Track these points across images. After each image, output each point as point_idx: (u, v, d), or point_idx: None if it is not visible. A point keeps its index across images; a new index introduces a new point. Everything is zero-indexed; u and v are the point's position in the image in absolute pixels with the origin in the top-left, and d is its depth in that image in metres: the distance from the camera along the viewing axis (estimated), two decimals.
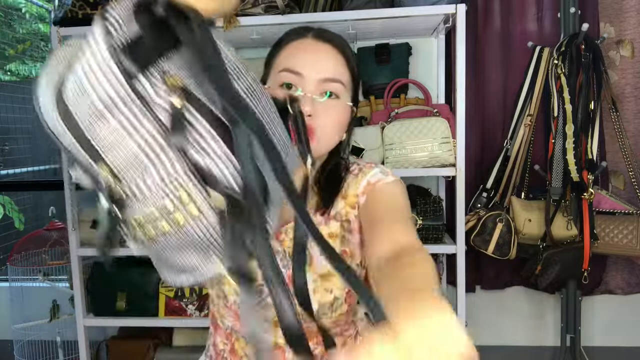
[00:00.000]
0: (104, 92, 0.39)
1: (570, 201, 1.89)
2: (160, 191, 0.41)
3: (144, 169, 0.41)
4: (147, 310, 1.97)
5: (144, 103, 0.39)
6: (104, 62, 0.38)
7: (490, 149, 2.13)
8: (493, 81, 2.13)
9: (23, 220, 3.47)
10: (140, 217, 0.43)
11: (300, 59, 0.80)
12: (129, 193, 0.42)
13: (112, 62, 0.38)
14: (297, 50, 0.82)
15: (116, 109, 0.39)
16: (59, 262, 2.19)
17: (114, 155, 0.41)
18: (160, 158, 0.40)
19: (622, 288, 2.13)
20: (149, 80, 0.39)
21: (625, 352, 2.22)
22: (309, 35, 0.83)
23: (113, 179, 0.42)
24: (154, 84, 0.39)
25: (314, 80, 0.79)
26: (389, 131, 1.76)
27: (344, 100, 0.83)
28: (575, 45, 1.87)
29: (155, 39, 0.40)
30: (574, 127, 1.83)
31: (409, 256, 0.62)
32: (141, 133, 0.40)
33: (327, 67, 0.80)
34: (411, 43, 2.04)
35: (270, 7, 1.75)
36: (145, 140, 0.40)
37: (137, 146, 0.40)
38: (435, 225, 1.83)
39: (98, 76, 0.38)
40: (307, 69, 0.79)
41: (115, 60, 0.38)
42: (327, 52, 0.82)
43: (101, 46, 0.38)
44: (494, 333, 2.29)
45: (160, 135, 0.40)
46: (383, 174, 0.86)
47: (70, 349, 2.24)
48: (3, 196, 3.30)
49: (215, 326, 0.94)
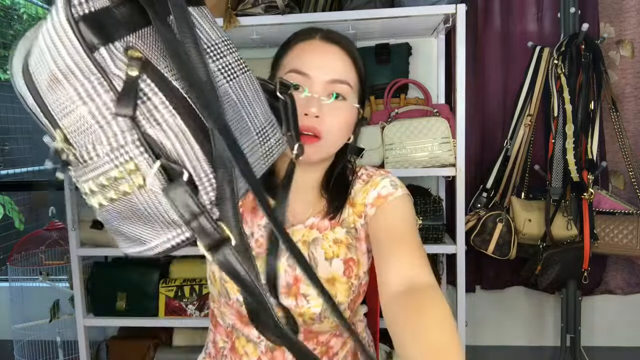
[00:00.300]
0: (62, 62, 0.39)
1: (570, 201, 1.89)
2: (107, 159, 0.41)
3: (95, 137, 0.41)
4: (147, 310, 1.97)
5: (103, 73, 0.39)
6: (63, 33, 0.39)
7: (490, 149, 2.13)
8: (493, 81, 2.13)
9: (23, 220, 3.47)
10: (90, 184, 0.44)
11: (307, 60, 0.80)
12: (79, 158, 0.43)
13: (70, 32, 0.38)
14: (305, 51, 0.82)
15: (73, 77, 0.40)
16: (59, 262, 2.19)
17: (68, 121, 0.42)
18: (111, 127, 0.41)
19: (622, 288, 2.13)
20: (109, 52, 0.40)
21: (625, 352, 2.22)
22: (317, 37, 0.83)
23: (66, 144, 0.43)
24: (114, 55, 0.40)
25: (322, 81, 0.79)
26: (389, 131, 1.76)
27: (351, 101, 0.83)
28: (575, 45, 1.87)
29: (124, 12, 0.41)
30: (574, 127, 1.83)
31: (425, 297, 0.64)
32: (96, 102, 0.40)
33: (334, 68, 0.81)
34: (411, 43, 2.04)
35: (270, 7, 1.75)
36: (98, 108, 0.40)
37: (90, 114, 0.40)
38: (435, 225, 1.83)
39: (57, 46, 0.39)
40: (314, 70, 0.79)
41: (74, 31, 0.38)
42: (334, 53, 0.82)
43: (61, 17, 0.38)
44: (494, 333, 2.29)
45: (114, 105, 0.40)
46: (393, 187, 0.86)
47: (70, 349, 2.24)
48: (3, 196, 3.30)
49: (215, 324, 0.94)
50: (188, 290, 1.95)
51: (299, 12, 1.82)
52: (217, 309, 0.92)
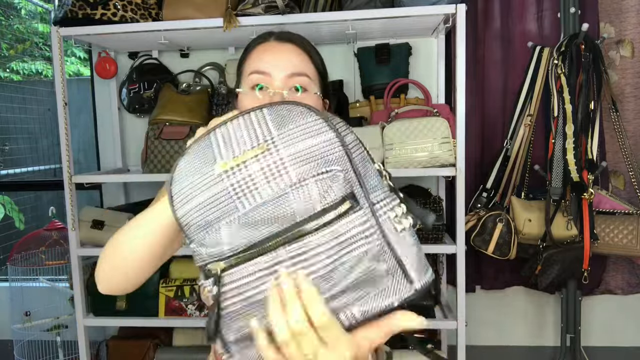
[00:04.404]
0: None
1: (570, 201, 1.89)
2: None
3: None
4: (147, 310, 1.97)
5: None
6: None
7: (490, 149, 2.13)
8: (493, 81, 2.13)
9: (23, 220, 3.47)
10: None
11: (265, 60, 0.85)
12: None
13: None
14: (262, 52, 0.86)
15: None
16: (59, 262, 2.19)
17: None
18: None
19: (622, 288, 2.13)
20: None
21: (625, 352, 2.22)
22: (272, 39, 0.88)
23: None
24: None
25: (281, 77, 0.83)
26: (389, 131, 1.76)
27: (312, 91, 0.86)
28: (575, 45, 1.88)
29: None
30: (574, 127, 1.83)
31: None
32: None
33: (290, 63, 0.85)
34: (411, 43, 2.04)
35: (270, 7, 1.75)
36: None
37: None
38: (435, 225, 1.83)
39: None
40: (272, 68, 0.83)
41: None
42: (289, 50, 0.86)
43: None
44: (494, 333, 2.29)
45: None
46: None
47: (70, 349, 2.24)
48: (3, 196, 3.30)
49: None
50: (188, 290, 1.95)
51: (299, 12, 1.82)
52: None
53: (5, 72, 4.41)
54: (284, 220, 0.48)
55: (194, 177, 0.52)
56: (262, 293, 0.48)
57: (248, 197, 0.49)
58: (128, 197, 2.30)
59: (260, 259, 0.48)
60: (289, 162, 0.49)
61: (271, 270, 0.48)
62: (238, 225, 0.49)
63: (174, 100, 1.93)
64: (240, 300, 0.49)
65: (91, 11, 1.81)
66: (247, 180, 0.49)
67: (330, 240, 0.47)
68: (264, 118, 0.52)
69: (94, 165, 2.33)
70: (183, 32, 1.84)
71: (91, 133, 2.34)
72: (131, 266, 0.69)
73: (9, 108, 3.38)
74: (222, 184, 0.50)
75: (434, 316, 1.90)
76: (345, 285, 0.48)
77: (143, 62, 2.14)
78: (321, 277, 0.47)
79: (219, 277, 0.50)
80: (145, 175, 1.88)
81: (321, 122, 0.50)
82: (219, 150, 0.52)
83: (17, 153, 3.59)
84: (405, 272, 0.48)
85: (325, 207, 0.47)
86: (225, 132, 0.53)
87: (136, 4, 1.84)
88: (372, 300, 0.48)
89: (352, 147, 0.51)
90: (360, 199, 0.49)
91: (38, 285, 2.25)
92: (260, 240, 0.48)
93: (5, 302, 2.36)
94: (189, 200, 0.52)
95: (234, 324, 0.50)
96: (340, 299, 0.48)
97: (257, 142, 0.51)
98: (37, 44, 4.61)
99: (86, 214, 1.96)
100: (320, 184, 0.48)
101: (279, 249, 0.48)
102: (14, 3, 4.35)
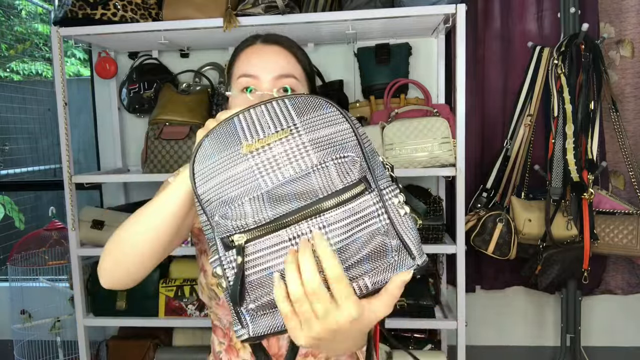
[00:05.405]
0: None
1: (570, 201, 1.89)
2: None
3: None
4: (147, 310, 1.97)
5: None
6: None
7: (490, 149, 2.13)
8: (493, 81, 2.13)
9: (23, 220, 3.47)
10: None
11: (253, 63, 0.86)
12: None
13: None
14: (250, 55, 0.87)
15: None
16: (59, 262, 2.19)
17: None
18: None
19: (622, 288, 2.13)
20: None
21: (625, 352, 2.22)
22: (258, 42, 0.89)
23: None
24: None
25: (269, 79, 0.84)
26: (389, 131, 1.76)
27: (300, 92, 0.86)
28: (575, 45, 1.88)
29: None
30: (574, 127, 1.83)
31: None
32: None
33: (277, 65, 0.86)
34: (411, 43, 2.04)
35: (270, 7, 1.75)
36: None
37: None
38: (435, 225, 1.83)
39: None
40: (260, 70, 0.85)
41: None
42: (276, 53, 0.87)
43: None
44: (494, 333, 2.29)
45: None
46: None
47: (70, 349, 2.24)
48: (3, 196, 3.30)
49: (214, 328, 0.97)
50: (188, 290, 1.95)
51: (299, 12, 1.81)
52: (213, 313, 0.94)
53: (5, 72, 4.41)
54: (307, 196, 0.52)
55: (218, 156, 0.56)
56: (282, 264, 0.51)
57: (271, 176, 0.53)
58: (128, 197, 2.30)
59: (283, 232, 0.52)
60: (310, 146, 0.53)
61: (292, 242, 0.52)
62: (262, 201, 0.52)
63: (174, 100, 1.93)
64: (262, 270, 0.52)
65: (91, 11, 1.81)
66: (271, 160, 0.53)
67: (348, 217, 0.51)
68: (286, 107, 0.56)
69: (94, 165, 2.33)
70: (183, 32, 1.84)
71: (91, 133, 2.34)
72: (132, 261, 0.71)
73: (9, 108, 3.38)
74: (247, 163, 0.53)
75: (434, 316, 1.90)
76: (359, 257, 0.52)
77: (143, 62, 2.14)
78: (338, 250, 0.51)
79: (243, 248, 0.53)
80: (145, 175, 1.87)
81: (339, 114, 0.55)
82: (243, 133, 0.55)
83: (17, 153, 3.60)
84: (408, 250, 0.53)
85: (345, 186, 0.51)
86: (249, 117, 0.57)
87: (136, 4, 1.84)
88: (381, 272, 0.52)
89: (363, 138, 0.55)
90: (372, 183, 0.53)
91: (38, 285, 2.25)
92: (283, 214, 0.52)
93: (5, 302, 2.36)
94: (212, 177, 0.55)
95: (254, 293, 0.53)
96: (354, 270, 0.52)
97: (280, 127, 0.55)
98: (37, 44, 4.62)
99: (86, 214, 1.96)
100: (340, 167, 0.52)
101: (301, 223, 0.51)
102: (15, 4, 4.35)
